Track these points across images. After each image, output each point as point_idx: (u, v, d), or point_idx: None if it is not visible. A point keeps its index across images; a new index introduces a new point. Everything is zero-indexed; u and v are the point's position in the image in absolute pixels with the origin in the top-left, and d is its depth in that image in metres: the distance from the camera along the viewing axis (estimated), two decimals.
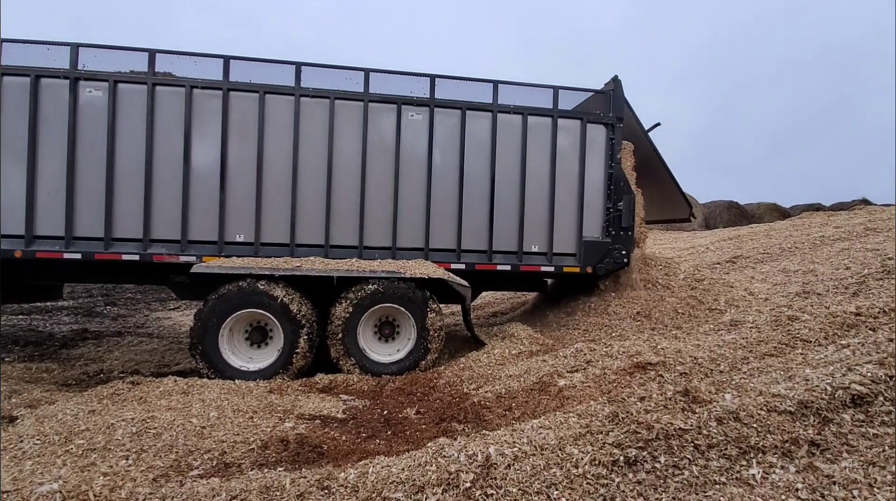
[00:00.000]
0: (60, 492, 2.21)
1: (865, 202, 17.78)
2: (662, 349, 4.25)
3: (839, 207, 18.08)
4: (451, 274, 5.17)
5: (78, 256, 4.78)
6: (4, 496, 2.19)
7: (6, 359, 5.28)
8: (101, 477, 2.42)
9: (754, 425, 2.36)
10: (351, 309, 4.81)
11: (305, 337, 4.66)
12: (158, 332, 7.43)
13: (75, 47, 4.78)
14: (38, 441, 2.86)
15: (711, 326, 4.85)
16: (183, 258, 4.95)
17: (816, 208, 19.32)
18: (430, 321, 4.94)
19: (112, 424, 3.07)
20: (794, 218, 13.00)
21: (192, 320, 4.61)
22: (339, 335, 4.81)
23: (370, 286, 4.84)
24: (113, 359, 5.58)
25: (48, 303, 8.90)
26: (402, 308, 4.92)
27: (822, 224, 9.91)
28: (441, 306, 5.13)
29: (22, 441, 2.85)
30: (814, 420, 2.40)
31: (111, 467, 2.61)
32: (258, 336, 4.76)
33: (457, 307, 7.80)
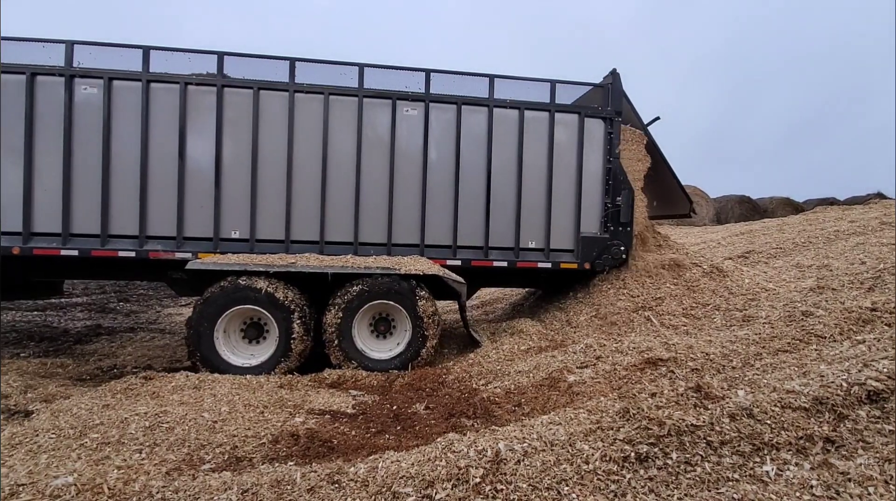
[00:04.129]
0: (75, 485, 2.24)
1: (881, 196, 17.47)
2: (673, 344, 4.21)
3: (854, 201, 17.77)
4: (446, 271, 5.13)
5: (75, 253, 4.79)
6: (20, 489, 2.22)
7: (21, 355, 5.37)
8: (116, 471, 2.46)
9: (768, 421, 2.33)
10: (341, 314, 4.78)
11: (298, 321, 4.65)
12: (170, 328, 7.51)
13: (70, 45, 4.78)
14: (54, 435, 2.91)
15: (723, 321, 4.79)
16: (179, 255, 4.95)
17: (830, 202, 18.99)
18: (422, 309, 4.89)
19: (125, 418, 3.12)
20: (808, 212, 12.78)
21: (184, 328, 4.58)
22: (336, 342, 4.78)
23: (355, 288, 4.81)
24: (126, 354, 5.65)
25: (62, 299, 9.04)
26: (392, 302, 4.90)
27: (837, 219, 9.74)
28: (436, 300, 5.08)
29: (37, 435, 2.90)
30: (829, 417, 2.36)
31: (125, 460, 2.65)
32: (254, 332, 4.77)
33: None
